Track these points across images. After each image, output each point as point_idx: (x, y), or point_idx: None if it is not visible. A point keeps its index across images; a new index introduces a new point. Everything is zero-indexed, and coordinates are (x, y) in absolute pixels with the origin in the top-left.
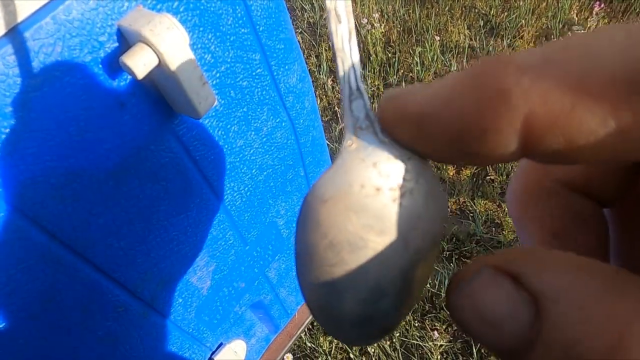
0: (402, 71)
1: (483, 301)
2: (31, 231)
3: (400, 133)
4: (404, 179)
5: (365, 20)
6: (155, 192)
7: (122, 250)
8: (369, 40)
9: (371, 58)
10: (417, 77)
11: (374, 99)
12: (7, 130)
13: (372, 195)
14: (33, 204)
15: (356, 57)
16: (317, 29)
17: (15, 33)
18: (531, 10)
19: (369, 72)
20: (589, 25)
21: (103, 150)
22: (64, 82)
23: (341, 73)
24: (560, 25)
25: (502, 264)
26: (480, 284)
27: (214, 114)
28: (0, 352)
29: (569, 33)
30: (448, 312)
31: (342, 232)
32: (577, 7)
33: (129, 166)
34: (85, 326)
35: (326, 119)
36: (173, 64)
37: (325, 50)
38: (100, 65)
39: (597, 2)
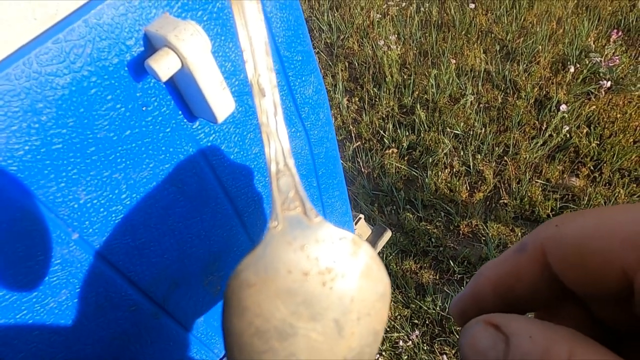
0: (417, 92)
1: (476, 338)
2: (49, 223)
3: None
4: (334, 262)
5: (382, 42)
6: (172, 193)
7: (138, 249)
8: (385, 62)
9: (387, 79)
10: (432, 99)
11: (388, 119)
12: (37, 125)
13: (300, 280)
14: (53, 198)
15: (283, 132)
16: (334, 49)
17: (49, 34)
18: (548, 36)
19: (384, 92)
20: (606, 53)
21: (123, 151)
22: (91, 82)
23: (267, 149)
24: (577, 52)
25: (488, 319)
26: (475, 329)
27: (231, 120)
28: (16, 346)
29: (586, 60)
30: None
31: (269, 319)
32: (595, 35)
33: (148, 167)
34: (97, 322)
35: (340, 138)
36: (195, 67)
37: (342, 70)
38: (126, 68)
39: (615, 30)
